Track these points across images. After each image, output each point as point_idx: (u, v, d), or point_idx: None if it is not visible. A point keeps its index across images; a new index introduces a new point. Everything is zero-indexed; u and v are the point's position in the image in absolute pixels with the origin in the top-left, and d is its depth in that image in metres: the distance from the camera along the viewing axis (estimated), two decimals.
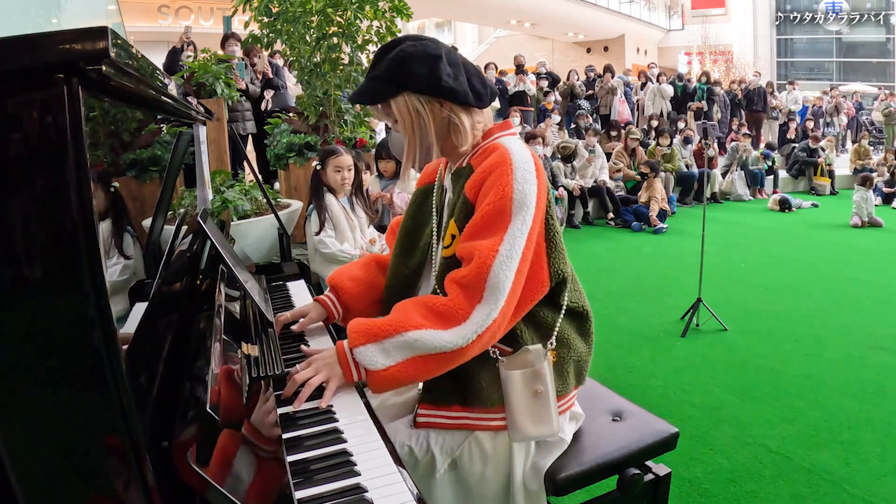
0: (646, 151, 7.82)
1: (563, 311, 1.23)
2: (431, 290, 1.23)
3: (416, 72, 1.15)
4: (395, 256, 1.37)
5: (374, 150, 4.86)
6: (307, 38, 4.05)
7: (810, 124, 10.44)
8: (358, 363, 1.10)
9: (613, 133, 8.37)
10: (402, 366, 1.09)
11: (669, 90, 9.92)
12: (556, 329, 1.23)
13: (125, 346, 0.71)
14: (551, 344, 1.22)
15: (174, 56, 6.21)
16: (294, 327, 1.39)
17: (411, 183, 3.89)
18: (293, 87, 5.95)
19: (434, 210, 1.32)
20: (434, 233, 1.31)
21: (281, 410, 1.05)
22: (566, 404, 1.27)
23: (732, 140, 9.01)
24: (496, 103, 8.18)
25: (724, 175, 8.64)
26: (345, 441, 0.98)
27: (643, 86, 10.30)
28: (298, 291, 1.82)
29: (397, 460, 0.93)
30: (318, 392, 1.09)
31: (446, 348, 1.08)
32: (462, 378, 1.17)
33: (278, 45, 4.52)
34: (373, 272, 1.47)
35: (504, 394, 1.17)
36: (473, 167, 1.19)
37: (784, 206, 7.62)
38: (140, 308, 0.91)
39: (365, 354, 1.09)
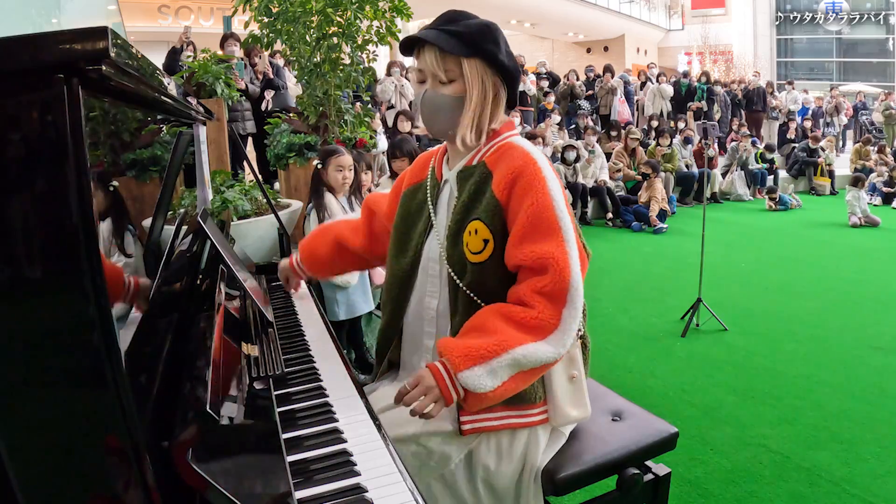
0: (646, 151, 7.81)
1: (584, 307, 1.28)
2: (456, 295, 1.21)
3: (500, 44, 1.17)
4: (389, 257, 1.37)
5: (374, 150, 4.86)
6: (307, 38, 4.05)
7: (809, 124, 10.44)
8: (458, 386, 1.08)
9: (613, 133, 8.36)
10: (507, 383, 1.09)
11: (669, 90, 9.92)
12: (583, 318, 1.26)
13: (125, 347, 0.71)
14: (580, 330, 1.25)
15: (174, 56, 6.20)
16: (292, 291, 1.71)
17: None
18: (293, 87, 5.95)
19: (430, 208, 1.29)
20: (428, 231, 1.29)
21: (280, 410, 1.05)
22: None
23: (732, 140, 9.01)
24: None
25: (724, 175, 8.63)
26: (345, 441, 0.98)
27: (643, 86, 10.30)
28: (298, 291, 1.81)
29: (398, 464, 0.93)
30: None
31: (549, 359, 1.10)
32: None
33: (278, 45, 4.52)
34: (333, 252, 1.59)
35: (546, 384, 1.22)
36: (488, 166, 1.19)
37: (772, 196, 7.66)
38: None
39: (472, 378, 1.07)
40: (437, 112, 1.20)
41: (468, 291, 1.19)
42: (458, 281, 1.20)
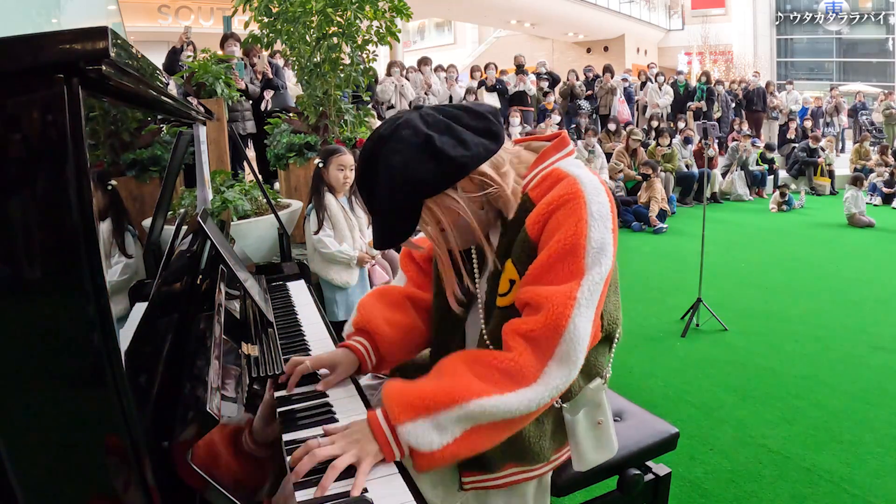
0: (646, 151, 7.82)
1: (612, 347, 1.18)
2: (479, 342, 1.08)
3: (423, 177, 0.93)
4: (436, 295, 1.19)
5: None
6: (307, 38, 4.05)
7: (809, 124, 10.45)
8: (402, 442, 0.90)
9: (612, 128, 8.37)
10: (459, 441, 0.91)
11: (669, 90, 9.93)
12: (608, 364, 1.18)
13: (125, 346, 0.71)
14: (607, 373, 1.17)
15: (174, 56, 6.21)
16: (319, 386, 1.12)
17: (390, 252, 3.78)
18: (293, 87, 5.95)
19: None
20: (475, 263, 1.12)
21: (281, 410, 1.05)
22: None
23: (732, 140, 9.02)
24: (496, 103, 8.18)
25: (724, 175, 8.64)
26: None
27: (643, 85, 10.31)
28: (298, 291, 1.82)
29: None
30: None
31: (513, 415, 0.91)
32: (509, 438, 1.00)
33: (278, 45, 4.52)
34: (410, 314, 1.24)
35: (569, 434, 1.10)
36: (532, 198, 1.01)
37: (783, 192, 7.64)
38: (140, 308, 0.91)
39: (414, 433, 0.89)
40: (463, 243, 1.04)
41: (487, 340, 1.05)
42: (482, 327, 1.07)
